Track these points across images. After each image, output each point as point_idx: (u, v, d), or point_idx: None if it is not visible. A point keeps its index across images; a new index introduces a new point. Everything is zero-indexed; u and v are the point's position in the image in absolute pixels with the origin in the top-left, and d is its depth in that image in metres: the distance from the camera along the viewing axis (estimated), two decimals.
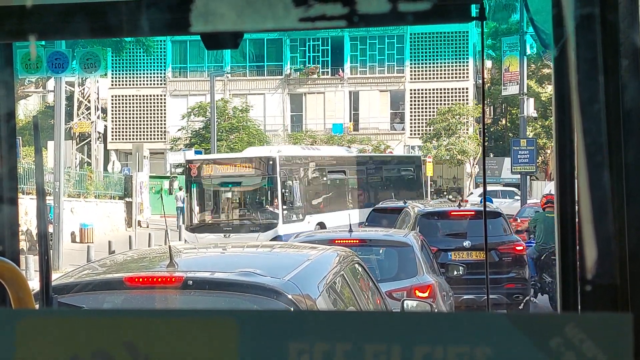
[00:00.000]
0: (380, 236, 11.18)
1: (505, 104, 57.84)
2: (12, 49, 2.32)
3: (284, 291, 4.21)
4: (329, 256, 5.65)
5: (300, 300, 4.22)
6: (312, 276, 4.81)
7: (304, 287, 4.39)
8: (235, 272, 4.52)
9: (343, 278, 5.27)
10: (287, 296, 4.17)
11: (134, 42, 37.31)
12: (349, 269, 5.54)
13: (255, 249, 6.80)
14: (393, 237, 10.73)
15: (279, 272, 4.62)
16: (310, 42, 54.10)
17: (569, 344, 1.14)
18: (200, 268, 5.02)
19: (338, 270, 5.27)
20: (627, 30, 1.53)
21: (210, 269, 4.98)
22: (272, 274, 4.53)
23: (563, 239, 1.61)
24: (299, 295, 4.26)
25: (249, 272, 4.47)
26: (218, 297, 4.30)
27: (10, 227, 2.37)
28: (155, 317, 1.24)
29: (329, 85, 54.23)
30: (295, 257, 5.72)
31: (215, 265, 5.26)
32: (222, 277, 4.52)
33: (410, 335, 1.17)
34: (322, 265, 5.26)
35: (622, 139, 1.53)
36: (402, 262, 9.81)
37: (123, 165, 49.88)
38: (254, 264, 4.97)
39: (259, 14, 1.74)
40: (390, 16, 1.76)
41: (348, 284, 5.31)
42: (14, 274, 2.25)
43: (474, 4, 1.88)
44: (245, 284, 4.31)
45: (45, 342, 1.22)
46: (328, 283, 4.88)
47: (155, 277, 4.35)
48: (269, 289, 4.22)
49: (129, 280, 4.32)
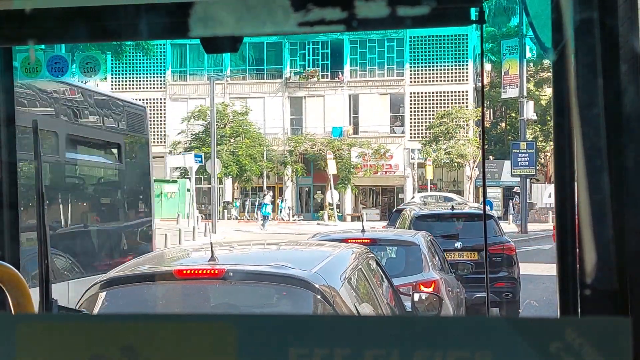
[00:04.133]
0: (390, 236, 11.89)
1: (505, 107, 57.87)
2: (11, 53, 2.33)
3: (312, 282, 4.74)
4: (347, 252, 6.20)
5: (325, 290, 4.74)
6: (334, 269, 5.37)
7: (328, 279, 4.91)
8: (269, 265, 5.09)
9: (360, 271, 5.83)
10: (315, 286, 4.70)
11: (134, 45, 37.29)
12: (365, 263, 6.13)
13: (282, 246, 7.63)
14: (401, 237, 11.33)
15: (307, 265, 5.15)
16: (310, 45, 54.13)
17: (569, 348, 1.14)
18: (237, 262, 5.55)
19: (356, 265, 5.82)
20: (626, 35, 1.52)
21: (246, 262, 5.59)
22: (301, 267, 5.05)
23: (562, 243, 1.61)
24: (324, 285, 4.77)
25: (281, 265, 5.04)
26: (255, 287, 4.91)
27: (11, 231, 2.37)
28: (153, 321, 1.24)
29: (328, 88, 54.25)
30: (319, 252, 6.30)
31: (250, 259, 5.94)
32: (258, 269, 5.04)
33: (409, 339, 1.17)
34: (342, 260, 5.82)
35: (622, 143, 1.52)
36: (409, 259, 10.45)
37: None
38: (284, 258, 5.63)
39: (258, 19, 1.74)
40: (390, 20, 1.76)
41: (365, 276, 5.88)
42: (14, 277, 2.25)
43: (473, 7, 1.89)
44: (278, 275, 4.86)
45: (45, 346, 1.22)
46: (348, 275, 5.41)
47: (200, 270, 4.83)
48: (299, 280, 4.75)
49: (177, 273, 4.86)
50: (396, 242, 10.94)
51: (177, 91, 55.58)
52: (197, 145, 48.62)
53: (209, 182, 42.36)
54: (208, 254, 5.00)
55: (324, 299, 4.71)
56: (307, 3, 1.70)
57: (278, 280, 4.85)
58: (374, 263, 6.59)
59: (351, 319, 1.29)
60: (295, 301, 4.86)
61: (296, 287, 4.74)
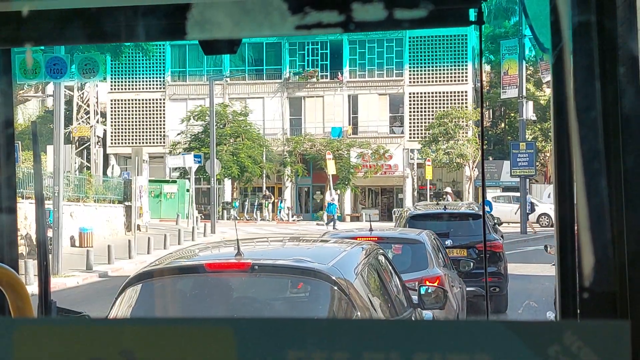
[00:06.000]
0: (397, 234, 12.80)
1: (504, 107, 57.87)
2: (10, 55, 2.32)
3: (330, 274, 5.24)
4: (359, 248, 6.69)
5: (341, 282, 5.24)
6: (348, 263, 5.89)
7: (343, 272, 5.42)
8: (290, 259, 5.64)
9: (371, 265, 6.34)
10: (332, 278, 5.21)
11: (133, 46, 37.30)
12: (375, 258, 6.66)
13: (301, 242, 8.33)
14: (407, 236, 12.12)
15: (324, 259, 5.66)
16: (309, 45, 54.14)
17: (568, 352, 1.14)
18: (261, 257, 6.03)
19: (367, 260, 6.31)
20: (625, 37, 1.52)
21: (269, 257, 6.13)
22: (319, 261, 5.54)
23: (562, 245, 1.61)
24: (340, 278, 5.27)
25: (301, 259, 5.60)
26: (277, 279, 5.52)
27: (9, 233, 2.37)
28: (152, 325, 1.23)
29: (328, 88, 54.25)
30: (334, 248, 6.91)
31: (272, 254, 6.49)
32: (281, 263, 5.57)
33: (408, 342, 1.17)
34: (355, 255, 6.31)
35: (620, 144, 1.52)
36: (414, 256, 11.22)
37: (122, 169, 49.88)
38: (302, 253, 6.23)
39: (255, 21, 1.73)
40: (390, 21, 1.75)
41: (375, 270, 6.42)
42: (13, 279, 2.25)
43: (473, 8, 1.88)
44: (299, 268, 5.41)
45: (43, 350, 1.22)
46: (360, 269, 5.92)
47: (229, 263, 5.39)
48: (318, 272, 5.25)
49: (209, 266, 5.46)
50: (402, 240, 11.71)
51: (176, 92, 55.58)
52: (197, 146, 48.62)
53: (209, 183, 42.36)
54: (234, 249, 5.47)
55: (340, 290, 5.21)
56: (305, 6, 1.70)
57: (299, 272, 5.41)
58: (383, 259, 7.07)
59: (350, 322, 1.29)
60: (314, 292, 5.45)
61: (315, 279, 5.26)
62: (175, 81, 55.82)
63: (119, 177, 42.38)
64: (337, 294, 5.25)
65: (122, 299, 5.35)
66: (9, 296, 2.22)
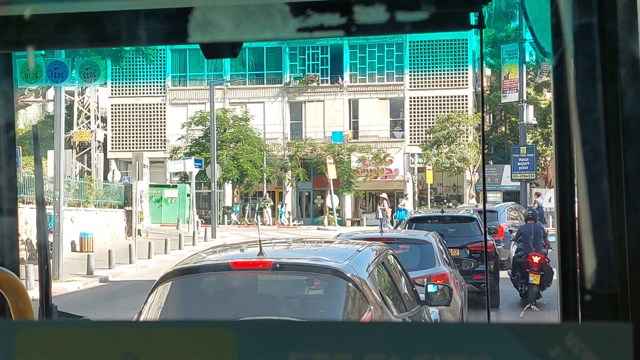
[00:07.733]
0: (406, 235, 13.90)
1: (505, 112, 57.86)
2: (11, 59, 2.32)
3: (345, 272, 5.73)
4: (371, 248, 7.14)
5: (355, 279, 5.70)
6: (361, 262, 6.29)
7: (357, 270, 5.88)
8: (308, 258, 6.19)
9: (382, 264, 6.83)
10: (347, 275, 5.70)
11: (134, 51, 37.31)
12: (385, 258, 7.16)
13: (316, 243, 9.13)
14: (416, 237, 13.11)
15: (339, 258, 6.19)
16: (309, 50, 54.15)
17: (569, 354, 1.14)
18: (281, 256, 6.49)
19: (378, 259, 6.80)
20: (626, 39, 1.52)
21: (288, 256, 6.61)
22: (334, 260, 6.07)
23: (563, 248, 1.61)
24: (354, 275, 5.74)
25: (318, 258, 6.16)
26: (297, 276, 6.07)
27: (10, 237, 2.37)
28: (153, 327, 1.23)
29: (328, 93, 54.25)
30: (348, 248, 7.30)
31: (291, 253, 7.01)
32: (300, 262, 6.11)
33: (409, 345, 1.17)
34: (367, 255, 6.73)
35: (621, 147, 1.52)
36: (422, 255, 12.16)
37: (123, 174, 49.90)
38: (318, 253, 6.80)
39: (256, 24, 1.73)
40: (391, 24, 1.76)
41: (385, 269, 6.90)
42: (14, 283, 2.25)
43: (473, 13, 1.89)
44: (317, 266, 5.93)
45: (44, 353, 1.22)
46: (372, 268, 6.35)
47: (252, 262, 5.86)
48: (334, 270, 5.77)
49: (234, 264, 5.97)
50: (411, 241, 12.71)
51: (177, 96, 55.60)
52: (197, 151, 48.61)
53: (209, 187, 42.35)
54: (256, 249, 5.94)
55: (354, 286, 5.67)
56: (306, 9, 1.70)
57: (316, 270, 5.92)
58: (392, 258, 7.58)
59: (351, 325, 1.29)
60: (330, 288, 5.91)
61: (331, 277, 5.78)
62: (175, 86, 55.83)
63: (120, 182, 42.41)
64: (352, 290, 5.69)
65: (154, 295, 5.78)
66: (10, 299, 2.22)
